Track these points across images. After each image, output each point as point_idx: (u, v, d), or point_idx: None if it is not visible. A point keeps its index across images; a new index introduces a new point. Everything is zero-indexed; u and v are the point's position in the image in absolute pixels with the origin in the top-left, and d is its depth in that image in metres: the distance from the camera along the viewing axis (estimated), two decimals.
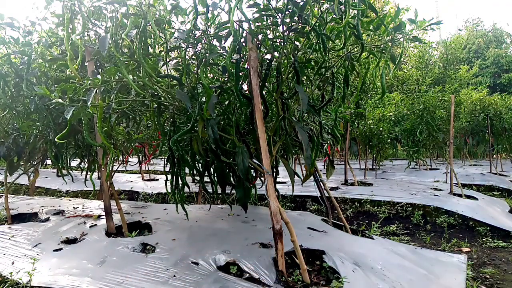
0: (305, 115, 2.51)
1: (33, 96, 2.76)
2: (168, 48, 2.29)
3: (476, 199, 4.87)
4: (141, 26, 1.98)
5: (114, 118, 2.42)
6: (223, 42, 2.28)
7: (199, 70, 2.26)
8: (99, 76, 2.06)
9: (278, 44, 2.25)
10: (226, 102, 2.45)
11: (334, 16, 2.06)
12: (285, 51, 2.22)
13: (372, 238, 3.04)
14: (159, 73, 2.29)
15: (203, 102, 2.15)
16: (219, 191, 2.92)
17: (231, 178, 2.73)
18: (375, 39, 2.35)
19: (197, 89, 2.30)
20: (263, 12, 2.08)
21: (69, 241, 2.79)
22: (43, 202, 4.13)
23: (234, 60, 2.14)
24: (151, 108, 2.43)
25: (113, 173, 2.90)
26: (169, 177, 2.63)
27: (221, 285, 2.00)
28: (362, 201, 4.69)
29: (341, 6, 1.95)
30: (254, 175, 2.73)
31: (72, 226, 3.14)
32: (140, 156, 4.88)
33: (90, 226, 3.09)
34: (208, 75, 2.69)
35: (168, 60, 2.43)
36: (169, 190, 2.65)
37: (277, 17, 2.07)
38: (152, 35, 2.19)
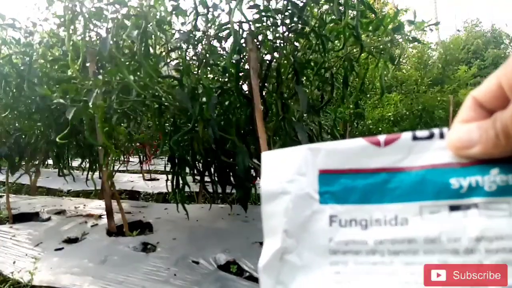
0: (305, 115, 2.52)
1: (35, 96, 2.76)
2: (169, 49, 2.31)
3: None
4: (142, 27, 2.00)
5: (115, 118, 2.43)
6: (223, 43, 2.30)
7: (199, 71, 2.27)
8: (100, 77, 2.08)
9: (278, 45, 2.26)
10: (227, 103, 2.46)
11: (333, 17, 2.07)
12: (285, 52, 2.23)
13: None
14: (160, 73, 2.30)
15: (203, 103, 2.16)
16: (220, 190, 2.94)
17: (232, 178, 2.74)
18: (374, 40, 2.36)
19: (198, 89, 2.31)
20: (263, 13, 2.09)
21: (70, 241, 2.80)
22: (44, 201, 4.13)
23: (234, 61, 2.15)
24: (152, 109, 2.44)
25: (114, 173, 2.91)
26: (169, 177, 2.64)
27: (222, 284, 2.01)
28: None
29: (341, 7, 1.96)
30: (254, 175, 2.74)
31: (73, 225, 3.14)
32: (141, 156, 4.89)
33: (91, 226, 3.10)
34: (209, 75, 2.70)
35: (168, 61, 2.44)
36: (170, 190, 2.66)
37: (277, 18, 2.08)
38: (153, 36, 2.20)
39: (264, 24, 2.19)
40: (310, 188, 0.30)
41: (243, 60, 2.22)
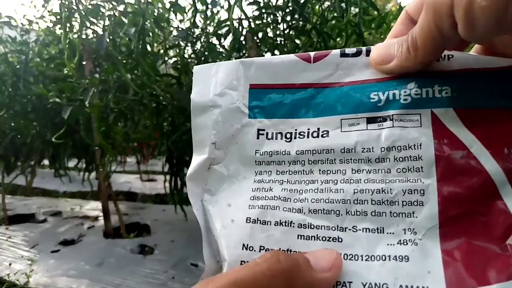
0: None
1: (31, 95, 2.72)
2: (167, 46, 2.27)
3: None
4: (140, 25, 1.96)
5: (112, 118, 2.39)
6: (222, 41, 2.25)
7: None
8: (97, 75, 2.04)
9: (278, 42, 2.22)
10: None
11: (335, 14, 2.04)
12: (285, 49, 2.19)
13: None
14: (157, 72, 2.26)
15: None
16: None
17: None
18: (377, 37, 2.33)
19: None
20: (263, 10, 2.05)
21: (67, 242, 2.77)
22: (40, 202, 4.10)
23: (234, 59, 2.11)
24: (150, 108, 2.41)
25: (111, 174, 2.87)
26: (168, 177, 2.61)
27: None
28: None
29: (342, 4, 1.92)
30: None
31: (70, 227, 3.11)
32: (139, 156, 4.85)
33: (88, 227, 3.06)
34: None
35: (166, 59, 2.40)
36: (168, 191, 2.62)
37: (278, 15, 2.05)
38: (150, 33, 2.16)
39: (264, 21, 2.15)
40: (240, 102, 0.31)
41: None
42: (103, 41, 2.03)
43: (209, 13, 2.21)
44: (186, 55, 2.36)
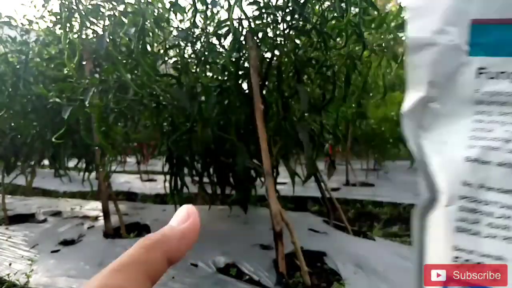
0: (306, 114, 2.48)
1: (31, 95, 2.72)
2: (167, 46, 2.26)
3: None
4: (140, 25, 1.95)
5: (112, 117, 2.39)
6: (222, 41, 2.25)
7: (198, 69, 2.23)
8: (97, 75, 2.04)
9: (278, 42, 2.22)
10: (226, 102, 2.41)
11: (335, 14, 2.03)
12: (285, 49, 2.18)
13: (374, 240, 3.00)
14: (157, 72, 2.26)
15: (202, 102, 2.12)
16: (219, 191, 2.89)
17: (231, 179, 2.70)
18: (377, 37, 2.32)
19: (196, 88, 2.27)
20: (263, 10, 2.05)
21: (67, 242, 2.77)
22: (40, 202, 4.10)
23: (233, 59, 2.11)
24: (150, 108, 2.40)
25: (111, 174, 2.86)
26: (167, 177, 2.60)
27: (221, 287, 1.97)
28: (363, 202, 4.63)
29: (342, 4, 1.92)
30: (254, 175, 2.70)
31: (70, 227, 3.11)
32: (139, 156, 4.84)
33: (88, 227, 3.06)
34: (208, 74, 2.65)
35: (166, 59, 2.40)
36: (168, 191, 2.62)
37: (278, 15, 2.04)
38: (150, 33, 2.16)
39: (264, 21, 2.14)
40: (460, 39, 0.28)
41: (242, 58, 2.18)
42: (103, 41, 2.03)
43: (209, 13, 2.21)
44: (186, 55, 2.35)
